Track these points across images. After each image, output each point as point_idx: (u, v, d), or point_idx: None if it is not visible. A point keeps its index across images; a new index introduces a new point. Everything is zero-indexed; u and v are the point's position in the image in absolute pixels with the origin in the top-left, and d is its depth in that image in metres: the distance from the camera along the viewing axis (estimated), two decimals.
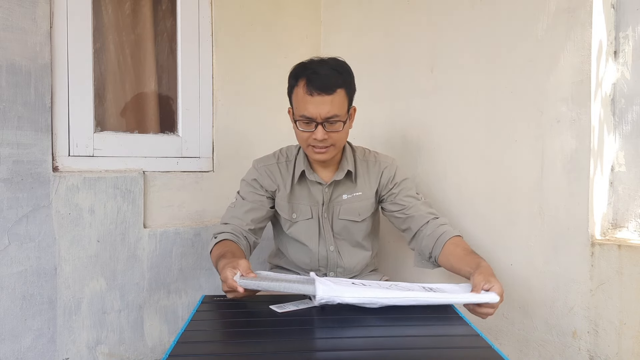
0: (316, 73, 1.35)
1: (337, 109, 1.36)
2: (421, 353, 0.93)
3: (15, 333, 1.47)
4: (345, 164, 1.50)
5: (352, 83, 1.43)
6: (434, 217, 1.47)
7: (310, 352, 0.94)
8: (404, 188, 1.52)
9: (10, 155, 1.44)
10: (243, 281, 1.08)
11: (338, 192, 1.52)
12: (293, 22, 2.17)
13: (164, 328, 1.78)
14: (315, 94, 1.34)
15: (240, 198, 1.51)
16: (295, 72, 1.41)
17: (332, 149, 1.41)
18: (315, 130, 1.36)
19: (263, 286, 1.08)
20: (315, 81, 1.34)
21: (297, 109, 1.39)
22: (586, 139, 1.37)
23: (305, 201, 1.51)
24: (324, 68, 1.36)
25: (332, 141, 1.39)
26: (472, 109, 1.66)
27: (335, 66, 1.38)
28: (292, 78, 1.41)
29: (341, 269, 1.55)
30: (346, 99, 1.40)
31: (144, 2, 1.85)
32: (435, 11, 1.78)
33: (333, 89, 1.35)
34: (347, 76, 1.40)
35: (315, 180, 1.49)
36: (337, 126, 1.38)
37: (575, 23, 1.38)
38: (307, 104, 1.35)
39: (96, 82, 1.69)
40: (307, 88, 1.34)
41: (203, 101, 1.93)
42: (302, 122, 1.38)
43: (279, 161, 1.53)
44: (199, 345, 0.97)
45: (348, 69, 1.42)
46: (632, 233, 1.38)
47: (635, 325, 1.29)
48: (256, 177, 1.51)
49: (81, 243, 1.59)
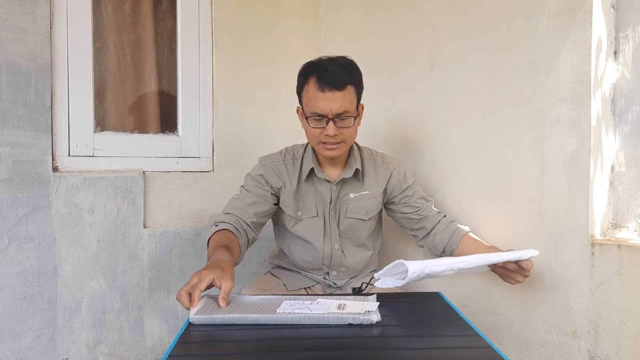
0: (327, 70, 1.38)
1: (348, 105, 1.39)
2: (421, 353, 0.93)
3: (15, 333, 1.47)
4: (353, 163, 1.51)
5: (361, 81, 1.46)
6: (443, 216, 1.58)
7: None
8: (417, 190, 1.60)
9: (10, 155, 1.44)
10: (196, 317, 1.05)
11: (345, 190, 1.53)
12: (293, 22, 2.17)
13: (164, 328, 1.78)
14: (327, 90, 1.36)
15: (244, 191, 1.51)
16: (306, 70, 1.43)
17: (342, 146, 1.43)
18: (327, 127, 1.38)
19: (217, 320, 1.05)
20: (326, 78, 1.37)
21: (308, 106, 1.40)
22: (586, 139, 1.37)
23: (311, 199, 1.52)
24: (334, 65, 1.39)
25: (343, 137, 1.41)
26: (472, 109, 1.66)
27: (344, 64, 1.41)
28: (303, 76, 1.43)
29: (344, 268, 1.56)
30: (355, 95, 1.43)
31: (144, 2, 1.85)
32: (435, 11, 1.78)
33: (344, 86, 1.38)
34: (356, 74, 1.43)
35: (324, 178, 1.50)
36: (348, 122, 1.40)
37: (575, 23, 1.38)
38: (318, 101, 1.37)
39: (96, 82, 1.70)
40: (319, 84, 1.37)
41: (203, 101, 1.93)
42: (313, 118, 1.40)
43: (285, 159, 1.54)
44: (199, 345, 0.97)
45: (357, 67, 1.45)
46: (632, 233, 1.38)
47: (635, 325, 1.29)
48: (262, 172, 1.51)
49: (81, 243, 1.59)
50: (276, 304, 1.12)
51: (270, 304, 1.12)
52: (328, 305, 1.10)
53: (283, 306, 1.10)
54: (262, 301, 1.16)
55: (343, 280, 1.58)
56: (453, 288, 1.73)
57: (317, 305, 1.10)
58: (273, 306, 1.11)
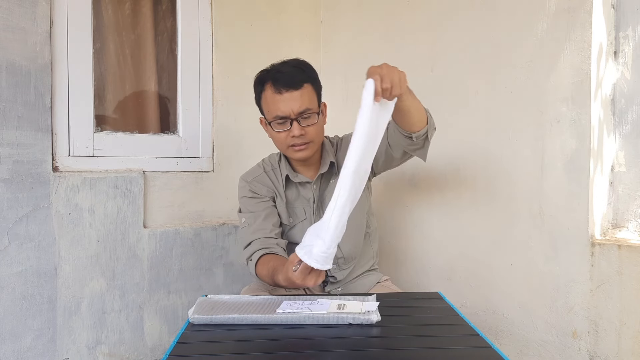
0: (280, 72, 1.38)
1: (308, 102, 1.38)
2: (421, 353, 0.93)
3: (15, 333, 1.47)
4: (327, 157, 1.50)
5: (317, 79, 1.45)
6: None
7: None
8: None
9: (10, 155, 1.44)
10: (196, 317, 1.06)
11: (325, 186, 1.52)
12: (293, 22, 2.17)
13: (164, 328, 1.78)
14: (284, 91, 1.36)
15: (249, 214, 1.48)
16: (260, 77, 1.42)
17: (311, 145, 1.42)
18: (292, 128, 1.38)
19: (217, 320, 1.05)
20: (281, 79, 1.36)
21: (269, 112, 1.40)
22: (586, 139, 1.37)
23: (299, 203, 1.51)
24: (287, 67, 1.39)
25: (310, 137, 1.40)
26: (472, 109, 1.66)
27: (297, 64, 1.41)
28: (258, 84, 1.43)
29: (342, 260, 1.55)
30: (314, 93, 1.42)
31: (144, 2, 1.85)
32: (435, 11, 1.78)
33: (300, 84, 1.37)
34: (310, 72, 1.42)
35: (301, 180, 1.49)
36: (312, 119, 1.39)
37: (575, 23, 1.38)
38: (278, 103, 1.37)
39: (96, 82, 1.70)
40: (275, 87, 1.37)
41: (203, 101, 1.93)
42: (276, 122, 1.39)
43: (265, 170, 1.54)
44: (199, 345, 0.97)
45: (310, 66, 1.44)
46: (632, 233, 1.38)
47: (635, 325, 1.29)
48: (252, 189, 1.50)
49: (81, 243, 1.59)
50: (276, 304, 1.12)
51: (270, 304, 1.13)
52: (328, 305, 1.10)
53: (283, 306, 1.10)
54: (262, 301, 1.16)
55: (344, 272, 1.56)
56: (453, 288, 1.73)
57: (317, 305, 1.10)
58: (273, 306, 1.11)
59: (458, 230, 1.72)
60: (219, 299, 1.18)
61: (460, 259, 1.71)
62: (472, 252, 1.68)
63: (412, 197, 1.88)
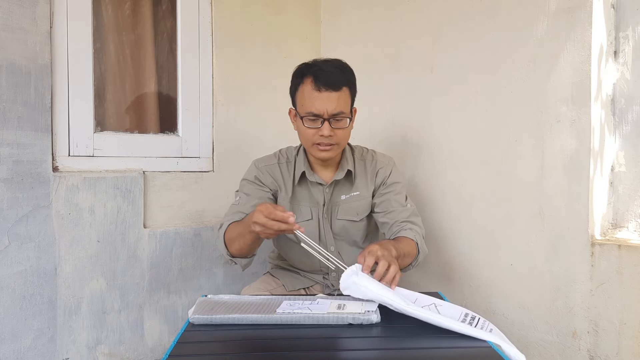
0: (323, 70, 1.38)
1: (343, 105, 1.39)
2: (421, 353, 0.93)
3: (15, 333, 1.47)
4: (345, 164, 1.51)
5: (355, 84, 1.46)
6: (409, 222, 1.45)
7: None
8: (392, 191, 1.51)
9: (10, 155, 1.44)
10: (196, 317, 1.06)
11: (338, 192, 1.52)
12: (293, 22, 2.17)
13: (164, 328, 1.78)
14: (323, 90, 1.36)
15: (244, 195, 1.49)
16: (301, 70, 1.42)
17: (336, 148, 1.43)
18: (322, 127, 1.38)
19: (217, 320, 1.04)
20: (323, 78, 1.37)
21: (303, 107, 1.40)
22: (586, 139, 1.37)
23: (306, 202, 1.51)
24: (330, 66, 1.40)
25: (337, 139, 1.41)
26: (472, 109, 1.66)
27: (339, 65, 1.42)
28: (298, 77, 1.43)
29: (342, 270, 1.55)
30: (350, 97, 1.43)
31: (144, 2, 1.85)
32: (435, 11, 1.78)
33: (339, 86, 1.38)
34: (350, 76, 1.44)
35: (316, 181, 1.49)
36: (343, 123, 1.40)
37: (575, 23, 1.38)
38: (314, 100, 1.37)
39: (96, 82, 1.69)
40: (315, 84, 1.37)
41: (203, 101, 1.93)
42: (308, 118, 1.39)
43: (279, 162, 1.53)
44: (199, 345, 0.97)
45: (351, 69, 1.45)
46: (632, 233, 1.38)
47: (635, 325, 1.29)
48: (258, 175, 1.51)
49: (81, 243, 1.59)
50: (276, 304, 1.13)
51: (270, 304, 1.13)
52: (328, 305, 1.10)
53: (283, 306, 1.10)
54: (262, 301, 1.16)
55: None
56: (453, 288, 1.73)
57: (317, 305, 1.10)
58: (273, 306, 1.11)
59: (458, 230, 1.72)
60: (219, 299, 1.18)
61: (460, 259, 1.71)
62: (472, 252, 1.68)
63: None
